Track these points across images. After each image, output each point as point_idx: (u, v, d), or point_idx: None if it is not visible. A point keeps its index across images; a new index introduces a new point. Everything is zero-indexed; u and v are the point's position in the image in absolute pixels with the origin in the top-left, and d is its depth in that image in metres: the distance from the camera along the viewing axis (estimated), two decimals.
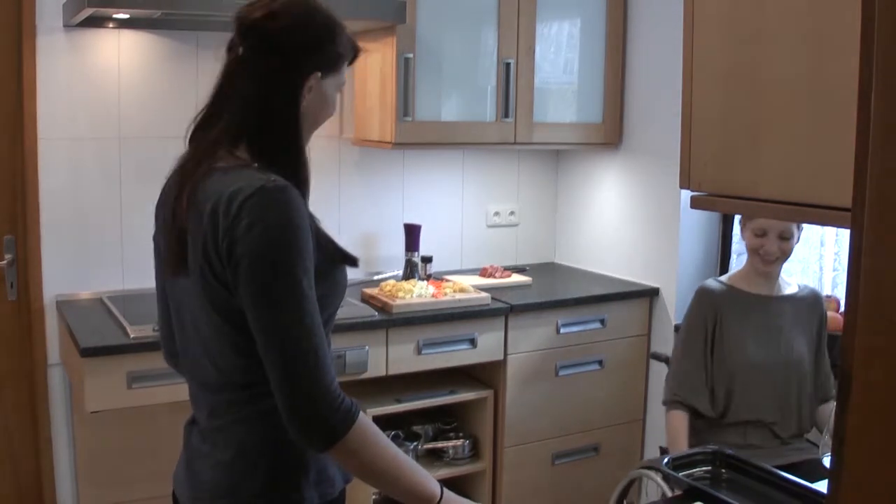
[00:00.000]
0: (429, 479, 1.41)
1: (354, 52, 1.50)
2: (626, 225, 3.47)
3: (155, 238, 1.60)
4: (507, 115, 3.18)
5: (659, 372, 3.33)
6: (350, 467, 1.37)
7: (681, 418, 2.55)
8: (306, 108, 1.42)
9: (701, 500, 1.69)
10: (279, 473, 1.38)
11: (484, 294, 3.04)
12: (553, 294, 3.21)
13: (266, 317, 1.28)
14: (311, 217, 1.36)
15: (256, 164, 1.37)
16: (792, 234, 2.51)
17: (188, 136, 1.48)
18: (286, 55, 1.37)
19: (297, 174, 1.39)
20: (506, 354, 3.04)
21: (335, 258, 1.41)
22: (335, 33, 1.44)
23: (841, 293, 2.82)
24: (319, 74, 1.41)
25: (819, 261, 2.93)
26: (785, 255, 2.54)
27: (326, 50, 1.42)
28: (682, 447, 2.45)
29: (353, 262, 1.44)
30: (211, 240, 1.31)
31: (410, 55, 2.97)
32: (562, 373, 3.16)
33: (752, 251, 2.53)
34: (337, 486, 1.44)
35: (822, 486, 1.65)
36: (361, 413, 1.32)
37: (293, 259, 1.28)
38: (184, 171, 1.41)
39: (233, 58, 1.41)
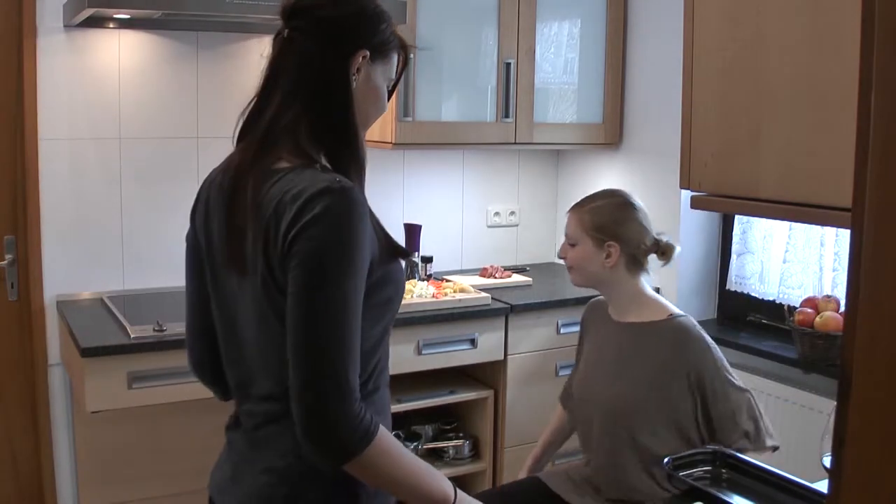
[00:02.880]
0: (442, 481, 1.38)
1: (404, 50, 1.46)
2: None
3: (190, 239, 1.51)
4: (507, 116, 3.18)
5: None
6: (364, 479, 1.32)
7: (555, 415, 2.54)
8: (356, 93, 1.37)
9: (701, 500, 1.70)
10: (338, 483, 1.33)
11: (484, 294, 3.04)
12: (553, 294, 3.21)
13: (301, 321, 1.23)
14: (370, 213, 1.32)
15: (318, 165, 1.33)
16: (577, 240, 2.17)
17: (237, 131, 1.44)
18: (332, 30, 1.35)
19: (353, 162, 1.35)
20: (506, 354, 3.04)
21: (392, 252, 1.37)
22: (382, 17, 1.41)
23: (841, 293, 2.82)
24: (367, 54, 1.37)
25: (819, 261, 2.93)
26: (573, 264, 2.20)
27: (373, 29, 1.39)
28: (540, 439, 2.57)
29: (406, 255, 1.43)
30: (272, 241, 1.27)
31: (410, 55, 2.97)
32: (562, 373, 3.16)
33: None
34: (393, 498, 1.41)
35: (822, 486, 1.65)
36: (381, 428, 1.27)
37: (345, 270, 1.24)
38: (240, 169, 1.35)
39: (278, 43, 1.40)
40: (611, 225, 2.17)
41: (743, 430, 2.05)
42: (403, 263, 1.43)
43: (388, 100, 1.46)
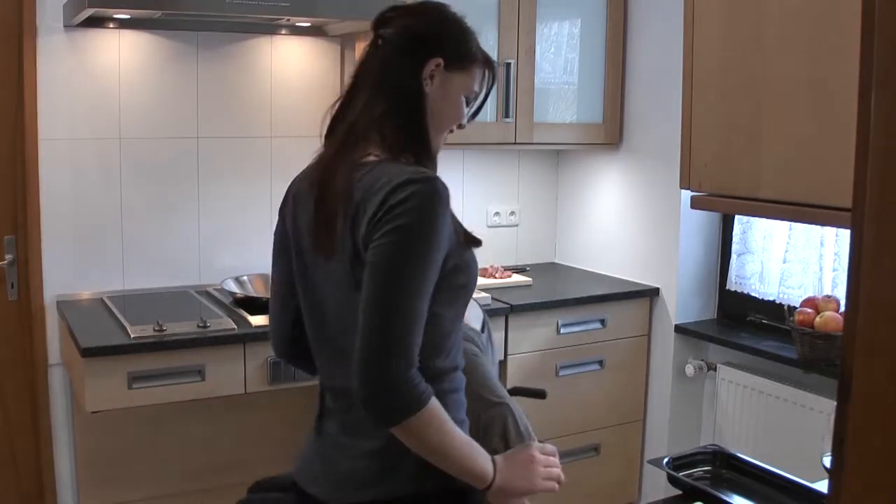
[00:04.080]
0: (486, 462, 1.44)
1: (489, 66, 1.56)
2: (626, 225, 3.47)
3: (277, 233, 1.62)
4: (507, 116, 3.18)
5: (659, 372, 3.34)
6: (411, 445, 1.39)
7: None
8: (430, 99, 1.48)
9: (701, 500, 1.70)
10: (429, 463, 1.41)
11: (484, 294, 3.04)
12: (553, 294, 3.21)
13: (374, 287, 1.34)
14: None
15: (403, 159, 1.44)
16: None
17: (326, 128, 1.56)
18: (411, 37, 1.48)
19: (428, 161, 1.47)
20: (506, 354, 3.04)
21: (467, 241, 1.46)
22: (464, 32, 1.53)
23: (841, 293, 2.82)
24: (441, 62, 1.47)
25: (819, 261, 2.93)
26: None
27: (451, 40, 1.50)
28: None
29: (479, 243, 1.50)
30: (360, 224, 1.37)
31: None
32: (562, 373, 3.16)
33: None
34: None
35: (822, 486, 1.65)
36: (433, 400, 1.36)
37: (422, 251, 1.35)
38: (328, 163, 1.47)
39: (366, 48, 1.52)
40: None
41: (492, 448, 1.73)
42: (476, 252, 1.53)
43: (474, 113, 1.59)
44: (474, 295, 1.60)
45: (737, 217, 3.19)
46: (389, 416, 1.36)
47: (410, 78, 1.46)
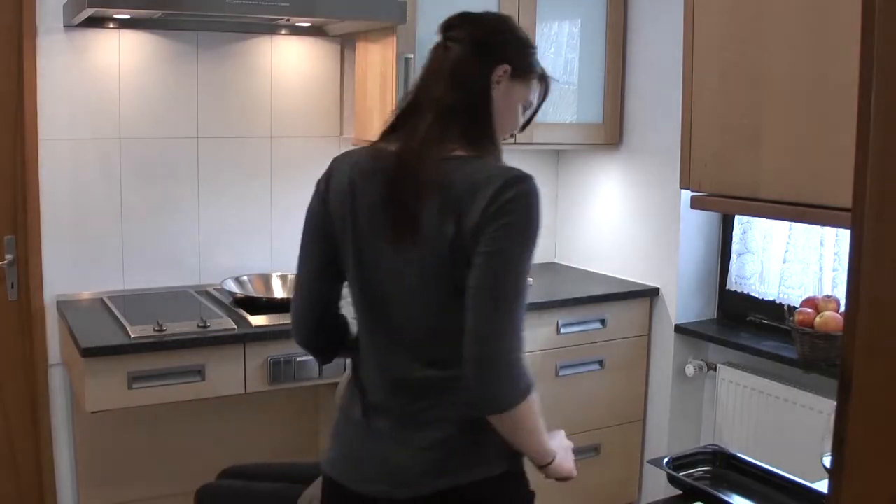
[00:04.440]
0: (552, 442, 1.59)
1: (545, 81, 1.63)
2: (626, 225, 3.47)
3: (315, 215, 1.61)
4: None
5: (659, 372, 3.34)
6: (506, 429, 1.46)
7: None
8: (495, 103, 1.54)
9: (701, 501, 1.70)
10: (500, 445, 1.49)
11: None
12: (553, 294, 3.21)
13: (493, 285, 1.42)
14: None
15: (491, 157, 1.52)
16: None
17: (390, 123, 1.58)
18: (481, 42, 1.53)
19: (500, 163, 1.53)
20: None
21: None
22: (527, 44, 1.60)
23: (841, 293, 2.82)
24: (509, 69, 1.54)
25: (819, 261, 2.93)
26: None
27: (517, 50, 1.57)
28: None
29: None
30: (466, 218, 1.42)
31: (410, 55, 2.97)
32: (562, 373, 3.16)
33: None
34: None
35: (822, 486, 1.65)
36: (534, 391, 1.45)
37: (529, 246, 1.46)
38: (406, 156, 1.49)
39: (434, 51, 1.57)
40: None
41: None
42: None
43: (525, 124, 1.65)
44: None
45: (737, 217, 3.19)
46: (503, 403, 1.41)
47: (481, 80, 1.52)
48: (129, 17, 2.80)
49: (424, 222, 1.45)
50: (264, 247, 3.18)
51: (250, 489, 2.11)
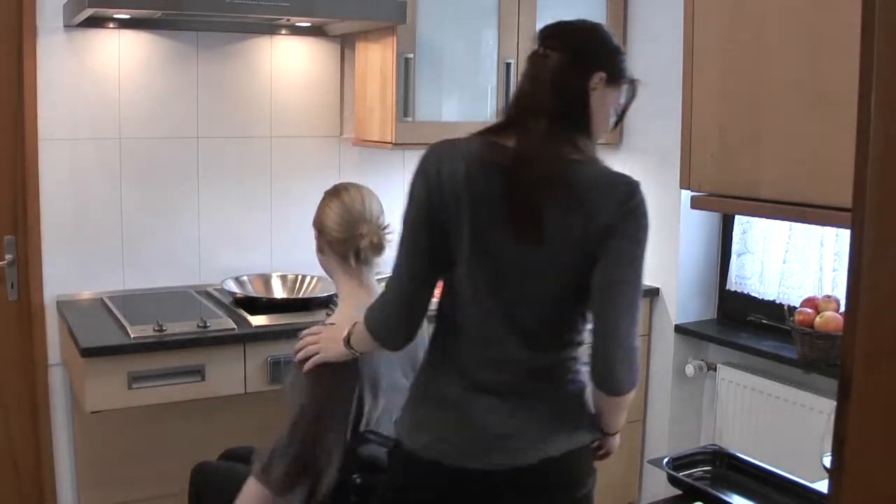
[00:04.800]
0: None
1: (633, 85, 1.70)
2: None
3: (423, 201, 1.68)
4: None
5: (659, 372, 3.33)
6: (613, 408, 1.69)
7: None
8: (592, 107, 1.63)
9: (701, 501, 1.70)
10: (588, 418, 1.69)
11: None
12: None
13: (624, 284, 1.58)
14: None
15: (599, 161, 1.64)
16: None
17: (499, 121, 1.69)
18: (579, 50, 1.62)
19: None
20: None
21: None
22: (620, 51, 1.69)
23: (841, 293, 2.82)
24: (605, 76, 1.63)
25: (819, 261, 2.93)
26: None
27: (612, 58, 1.66)
28: None
29: None
30: (599, 220, 1.56)
31: (410, 55, 2.97)
32: None
33: None
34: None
35: (822, 486, 1.65)
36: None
37: (645, 248, 1.62)
38: (524, 155, 1.59)
39: (533, 58, 1.65)
40: (317, 212, 2.04)
41: None
42: None
43: (615, 124, 1.73)
44: None
45: (737, 217, 3.19)
46: (625, 387, 1.61)
47: (580, 87, 1.61)
48: (129, 17, 2.80)
49: (547, 219, 1.57)
50: (264, 247, 3.18)
51: (240, 470, 2.11)
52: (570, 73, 1.60)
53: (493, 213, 1.59)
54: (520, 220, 1.58)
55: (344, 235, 1.97)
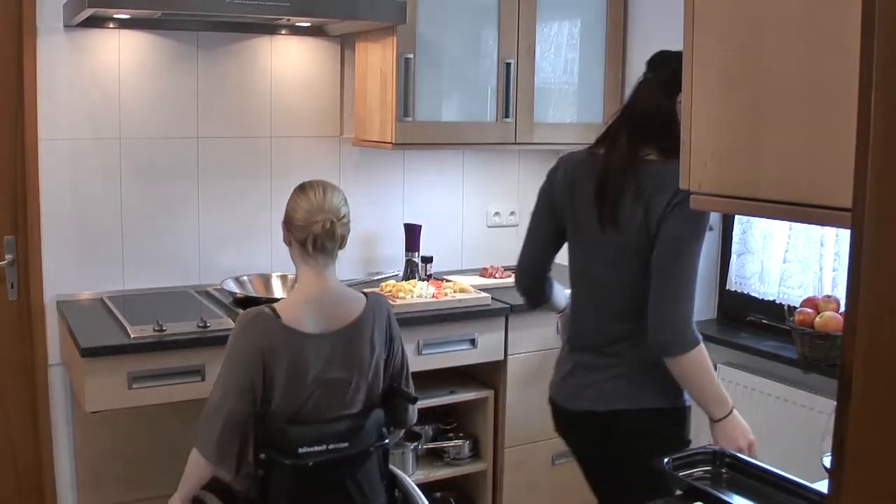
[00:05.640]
0: (726, 403, 2.00)
1: None
2: None
3: (546, 196, 2.22)
4: (507, 116, 3.18)
5: None
6: (680, 371, 1.96)
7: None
8: (679, 118, 1.84)
9: (701, 501, 1.69)
10: (665, 384, 1.99)
11: (484, 294, 3.04)
12: None
13: (677, 263, 1.92)
14: None
15: (672, 161, 1.83)
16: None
17: (602, 133, 2.12)
18: (670, 76, 1.90)
19: None
20: (506, 355, 3.04)
21: None
22: None
23: (841, 293, 2.81)
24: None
25: (819, 261, 2.93)
26: None
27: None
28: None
29: None
30: (657, 210, 1.93)
31: (410, 55, 2.97)
32: None
33: None
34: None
35: (822, 486, 1.65)
36: (700, 345, 1.94)
37: (698, 234, 1.94)
38: (612, 160, 2.02)
39: (640, 81, 2.08)
40: (286, 207, 2.16)
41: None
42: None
43: None
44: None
45: (737, 217, 3.18)
46: (674, 350, 1.92)
47: (670, 106, 1.96)
48: (129, 17, 2.80)
49: (621, 213, 1.98)
50: (264, 247, 3.18)
51: None
52: (664, 93, 1.97)
53: (587, 211, 2.05)
54: (602, 217, 2.01)
55: (303, 223, 2.08)
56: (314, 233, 2.05)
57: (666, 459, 1.82)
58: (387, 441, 2.15)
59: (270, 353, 1.99)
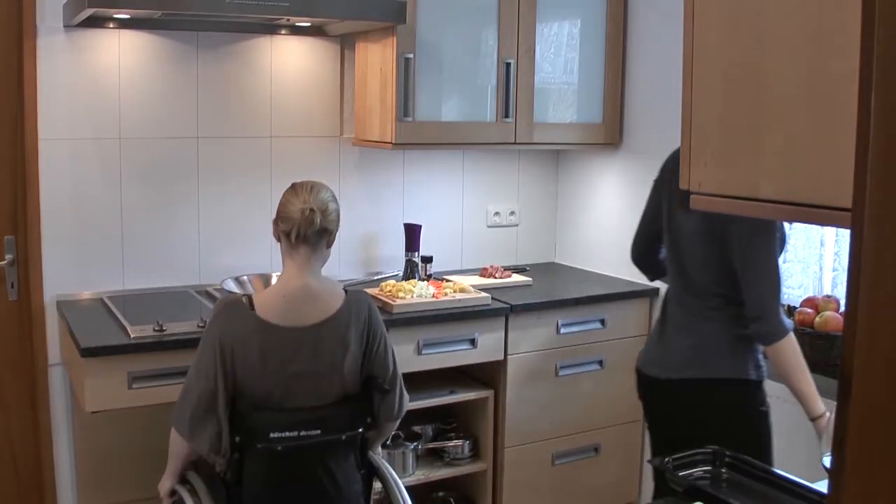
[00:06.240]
0: (818, 400, 2.20)
1: None
2: (626, 225, 3.46)
3: (657, 186, 2.52)
4: (507, 116, 3.18)
5: None
6: (773, 358, 2.20)
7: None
8: None
9: (701, 501, 1.70)
10: (735, 355, 2.23)
11: (484, 294, 3.04)
12: (553, 294, 3.21)
13: (746, 256, 2.16)
14: None
15: None
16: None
17: None
18: None
19: None
20: (506, 354, 3.04)
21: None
22: None
23: (841, 293, 2.82)
24: None
25: (819, 261, 2.93)
26: None
27: None
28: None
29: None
30: None
31: (410, 55, 2.97)
32: (562, 373, 3.16)
33: None
34: (764, 375, 2.29)
35: (822, 486, 1.65)
36: (790, 335, 2.16)
37: (770, 232, 2.15)
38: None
39: None
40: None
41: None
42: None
43: None
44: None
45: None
46: (768, 339, 2.16)
47: None
48: (129, 17, 2.80)
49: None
50: (264, 247, 3.18)
51: None
52: None
53: (675, 203, 2.31)
54: (680, 199, 2.11)
55: (287, 215, 2.14)
56: (297, 221, 2.10)
57: (666, 459, 1.83)
58: (360, 430, 2.18)
59: (239, 341, 2.06)
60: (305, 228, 2.10)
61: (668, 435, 2.39)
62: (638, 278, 3.40)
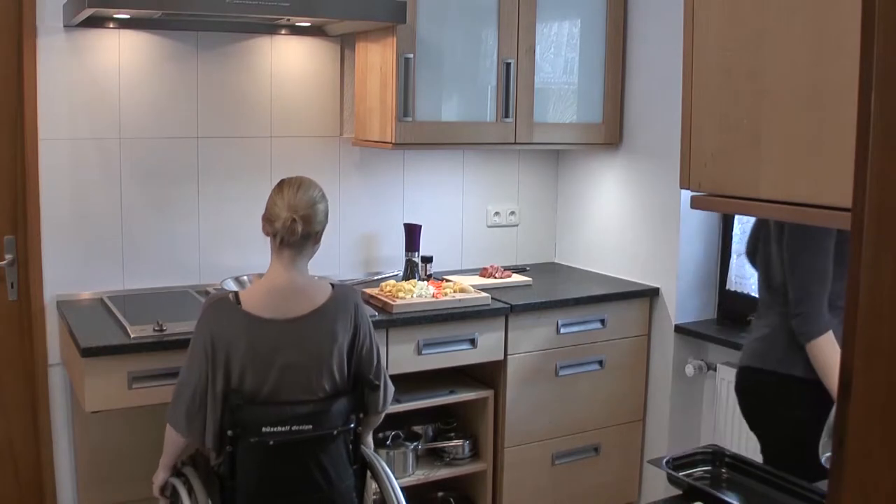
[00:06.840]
0: None
1: None
2: (626, 225, 3.47)
3: None
4: (507, 116, 3.18)
5: (659, 372, 3.33)
6: (811, 357, 2.23)
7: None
8: None
9: (701, 501, 1.70)
10: (788, 351, 2.29)
11: (484, 294, 3.04)
12: (553, 294, 3.21)
13: (789, 259, 2.26)
14: None
15: None
16: None
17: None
18: None
19: None
20: (506, 354, 3.04)
21: None
22: None
23: None
24: None
25: None
26: None
27: None
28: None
29: None
30: None
31: (410, 55, 2.97)
32: (562, 373, 3.16)
33: None
34: (813, 374, 2.29)
35: (822, 486, 1.65)
36: (828, 333, 2.20)
37: (813, 237, 2.20)
38: None
39: None
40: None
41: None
42: None
43: None
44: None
45: (737, 217, 3.19)
46: (803, 337, 2.22)
47: None
48: (129, 17, 2.80)
49: None
50: (264, 247, 3.17)
51: None
52: None
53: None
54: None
55: (272, 219, 2.17)
56: (279, 229, 2.14)
57: (666, 459, 1.83)
58: (352, 425, 2.20)
59: (227, 336, 2.10)
60: (288, 237, 2.14)
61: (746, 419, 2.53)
62: (638, 278, 3.41)
